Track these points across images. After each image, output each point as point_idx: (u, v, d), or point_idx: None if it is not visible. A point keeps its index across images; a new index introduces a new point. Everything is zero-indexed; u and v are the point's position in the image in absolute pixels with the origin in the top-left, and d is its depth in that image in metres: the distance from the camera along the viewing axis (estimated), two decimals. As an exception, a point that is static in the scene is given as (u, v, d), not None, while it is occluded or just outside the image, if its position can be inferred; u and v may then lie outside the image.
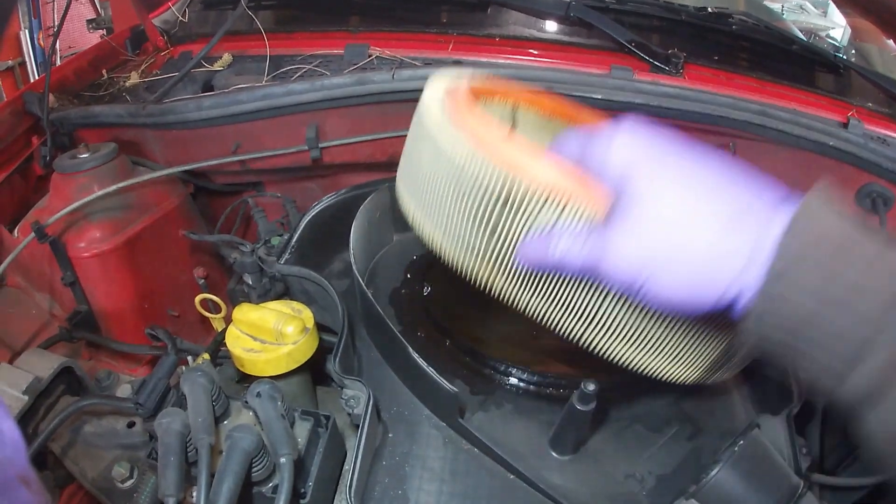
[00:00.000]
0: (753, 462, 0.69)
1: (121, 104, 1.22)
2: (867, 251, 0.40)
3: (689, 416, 0.85)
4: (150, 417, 0.71)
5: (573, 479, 0.76)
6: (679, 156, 0.49)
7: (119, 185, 1.13)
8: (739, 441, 0.70)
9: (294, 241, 0.96)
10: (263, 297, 0.99)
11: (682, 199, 0.46)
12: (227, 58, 1.28)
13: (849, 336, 0.40)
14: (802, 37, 1.70)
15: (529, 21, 1.26)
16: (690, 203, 0.46)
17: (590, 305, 0.59)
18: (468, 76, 0.64)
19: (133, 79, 1.37)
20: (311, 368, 0.90)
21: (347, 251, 0.92)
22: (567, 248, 0.51)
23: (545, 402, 0.84)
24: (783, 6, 3.03)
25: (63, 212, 1.09)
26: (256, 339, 0.84)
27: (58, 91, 1.32)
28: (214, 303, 1.08)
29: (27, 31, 3.20)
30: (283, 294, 0.99)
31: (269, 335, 0.83)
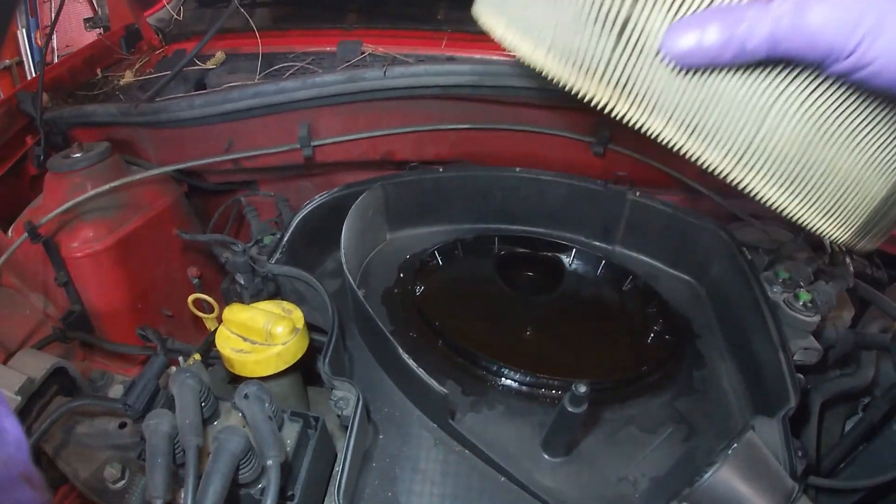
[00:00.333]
0: (748, 465, 0.68)
1: (114, 103, 1.21)
2: None
3: (684, 418, 0.84)
4: (140, 418, 0.71)
5: (565, 482, 0.75)
6: None
7: (112, 185, 1.12)
8: (734, 443, 0.69)
9: (285, 241, 0.95)
10: (256, 297, 0.99)
11: None
12: (220, 56, 1.27)
13: None
14: None
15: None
16: None
17: (750, 125, 0.46)
18: None
19: (127, 77, 1.37)
20: (303, 368, 0.89)
21: (340, 250, 0.91)
22: (738, 21, 0.36)
23: (537, 403, 0.84)
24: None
25: (55, 212, 1.09)
26: (246, 340, 0.83)
27: (52, 90, 1.31)
28: (208, 302, 1.07)
29: (24, 31, 3.20)
30: (275, 293, 0.99)
31: (259, 336, 0.82)
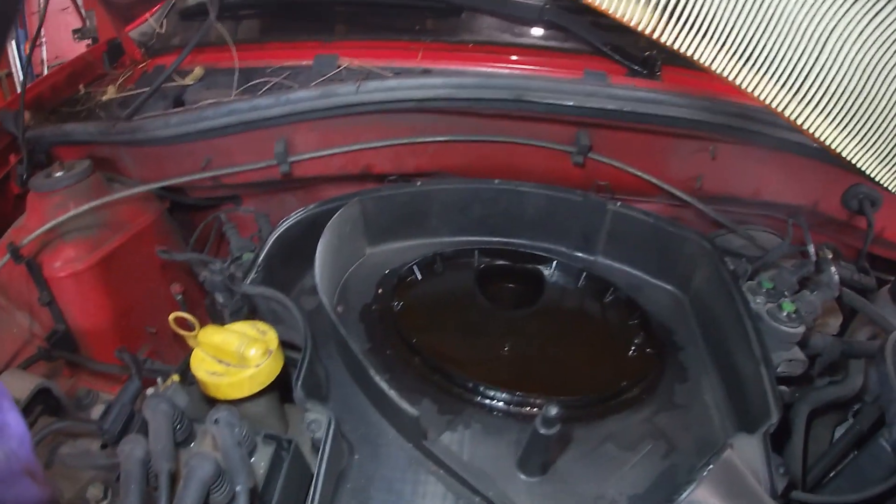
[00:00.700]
0: (724, 485, 0.67)
1: (93, 122, 1.21)
2: None
3: (664, 434, 0.83)
4: (116, 442, 0.71)
5: (541, 502, 0.74)
6: None
7: (92, 204, 1.12)
8: (710, 464, 0.68)
9: (261, 260, 0.94)
10: (236, 315, 0.98)
11: None
12: (199, 71, 1.26)
13: None
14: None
15: (501, 26, 1.23)
16: None
17: (808, 53, 0.47)
18: None
19: (110, 93, 1.36)
20: (281, 387, 0.89)
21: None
22: None
23: (515, 421, 0.83)
24: None
25: (36, 233, 1.09)
26: (221, 362, 0.83)
27: (34, 108, 1.31)
28: (190, 320, 1.07)
29: (13, 42, 3.20)
30: (253, 312, 0.98)
31: (233, 358, 0.82)
